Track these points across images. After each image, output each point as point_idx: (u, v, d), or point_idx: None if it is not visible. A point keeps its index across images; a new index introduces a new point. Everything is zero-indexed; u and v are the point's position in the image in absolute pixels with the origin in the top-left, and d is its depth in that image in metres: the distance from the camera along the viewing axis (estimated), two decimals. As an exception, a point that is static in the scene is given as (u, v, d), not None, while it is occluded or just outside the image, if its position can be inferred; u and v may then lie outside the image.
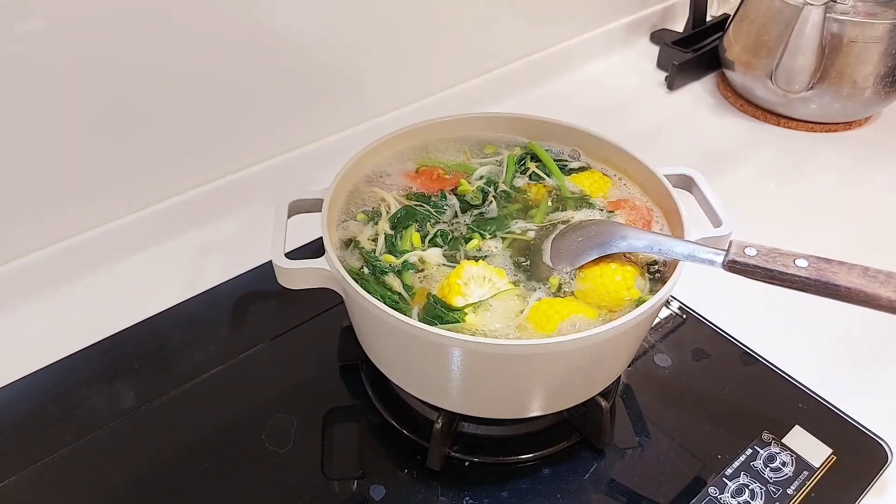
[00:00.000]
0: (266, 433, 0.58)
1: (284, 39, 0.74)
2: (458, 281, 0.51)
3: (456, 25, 0.90)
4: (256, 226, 0.78)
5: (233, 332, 0.68)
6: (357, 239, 0.56)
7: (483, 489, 0.55)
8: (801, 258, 0.46)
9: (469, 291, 0.51)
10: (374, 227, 0.57)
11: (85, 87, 0.63)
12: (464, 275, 0.51)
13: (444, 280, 0.52)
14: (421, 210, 0.58)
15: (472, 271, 0.51)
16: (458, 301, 0.50)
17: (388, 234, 0.56)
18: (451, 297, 0.50)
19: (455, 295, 0.50)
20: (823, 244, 0.80)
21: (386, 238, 0.56)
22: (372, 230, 0.57)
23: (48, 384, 0.62)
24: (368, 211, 0.58)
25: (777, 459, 0.57)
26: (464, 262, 0.53)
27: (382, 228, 0.57)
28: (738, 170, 0.89)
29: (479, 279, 0.51)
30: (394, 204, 0.59)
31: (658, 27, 1.17)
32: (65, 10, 0.59)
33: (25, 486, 0.55)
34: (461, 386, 0.50)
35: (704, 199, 0.57)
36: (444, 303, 0.50)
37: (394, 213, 0.58)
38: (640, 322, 0.47)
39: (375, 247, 0.55)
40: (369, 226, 0.57)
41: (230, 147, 0.77)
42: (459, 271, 0.51)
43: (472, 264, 0.52)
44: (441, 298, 0.51)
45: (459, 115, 0.65)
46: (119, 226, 0.72)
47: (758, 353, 0.66)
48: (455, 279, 0.51)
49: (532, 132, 0.66)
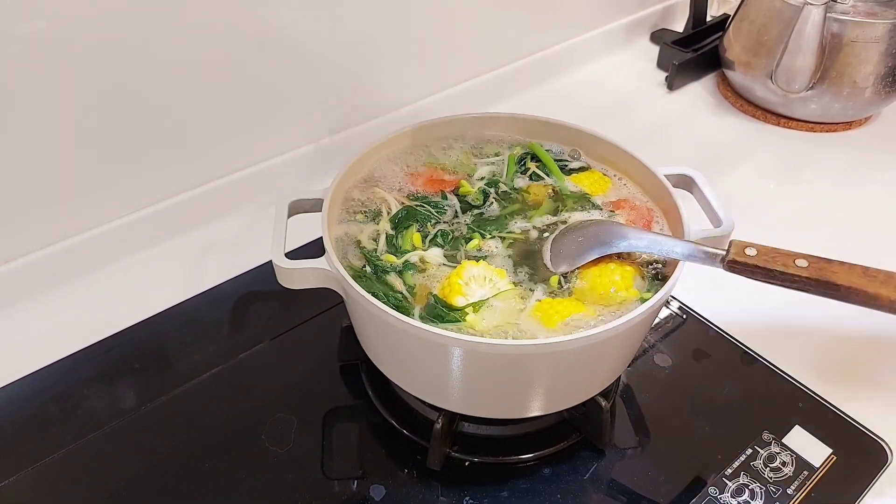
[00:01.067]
0: (266, 433, 0.58)
1: (285, 39, 0.74)
2: (458, 281, 0.51)
3: (456, 25, 0.90)
4: (256, 226, 0.78)
5: (233, 332, 0.68)
6: (358, 238, 0.56)
7: (483, 489, 0.55)
8: (801, 258, 0.46)
9: (470, 291, 0.51)
10: (374, 227, 0.57)
11: (84, 87, 0.63)
12: (465, 275, 0.51)
13: (444, 280, 0.52)
14: (421, 210, 0.58)
15: (473, 271, 0.52)
16: (458, 301, 0.50)
17: (388, 234, 0.56)
18: (452, 296, 0.51)
19: (456, 295, 0.50)
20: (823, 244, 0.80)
21: (387, 238, 0.56)
22: (372, 229, 0.57)
23: (48, 384, 0.62)
24: (368, 211, 0.58)
25: (777, 459, 0.57)
26: (465, 262, 0.53)
27: (383, 228, 0.57)
28: (738, 170, 0.89)
29: (479, 279, 0.51)
30: (394, 204, 0.59)
31: (658, 27, 1.17)
32: (65, 11, 0.59)
33: (25, 486, 0.55)
34: (461, 386, 0.50)
35: (704, 199, 0.57)
36: (444, 302, 0.51)
37: (395, 213, 0.58)
38: (640, 322, 0.47)
39: (377, 246, 0.55)
40: (370, 225, 0.57)
41: (230, 147, 0.77)
42: (460, 271, 0.51)
43: (472, 264, 0.52)
44: (442, 298, 0.51)
45: (459, 115, 0.65)
46: (119, 226, 0.72)
47: (758, 353, 0.66)
48: (456, 279, 0.51)
49: (532, 132, 0.66)
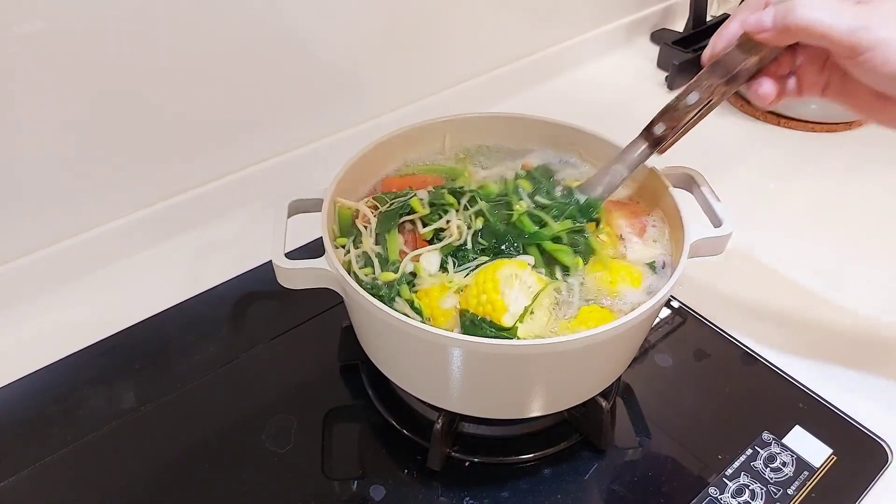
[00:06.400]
0: (266, 433, 0.58)
1: (285, 40, 0.74)
2: (498, 297, 0.47)
3: (456, 25, 0.90)
4: (256, 226, 0.78)
5: (233, 333, 0.68)
6: (353, 272, 0.52)
7: (483, 489, 0.55)
8: (692, 94, 0.52)
9: (509, 301, 0.47)
10: (359, 250, 0.54)
11: (84, 88, 0.63)
12: (501, 285, 0.47)
13: (473, 290, 0.49)
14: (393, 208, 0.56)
15: (506, 272, 0.48)
16: (506, 320, 0.47)
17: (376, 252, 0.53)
18: (498, 316, 0.47)
19: (501, 314, 0.47)
20: (823, 244, 0.80)
21: (376, 255, 0.53)
22: (359, 254, 0.54)
23: (48, 384, 0.62)
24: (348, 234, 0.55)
25: (777, 459, 0.57)
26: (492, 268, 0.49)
27: (368, 247, 0.54)
28: (738, 170, 0.89)
29: (510, 279, 0.48)
30: (371, 217, 0.56)
31: (658, 27, 1.17)
32: (65, 11, 0.59)
33: (25, 486, 0.55)
34: (461, 386, 0.50)
35: (704, 199, 0.57)
36: (493, 324, 0.47)
37: (373, 226, 0.55)
38: (640, 322, 0.47)
39: (373, 272, 0.52)
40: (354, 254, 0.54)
41: (230, 147, 0.77)
42: (496, 282, 0.47)
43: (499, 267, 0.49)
44: (485, 317, 0.47)
45: (460, 114, 0.65)
46: (119, 226, 0.72)
47: (758, 353, 0.66)
48: (495, 295, 0.47)
49: (532, 132, 0.65)
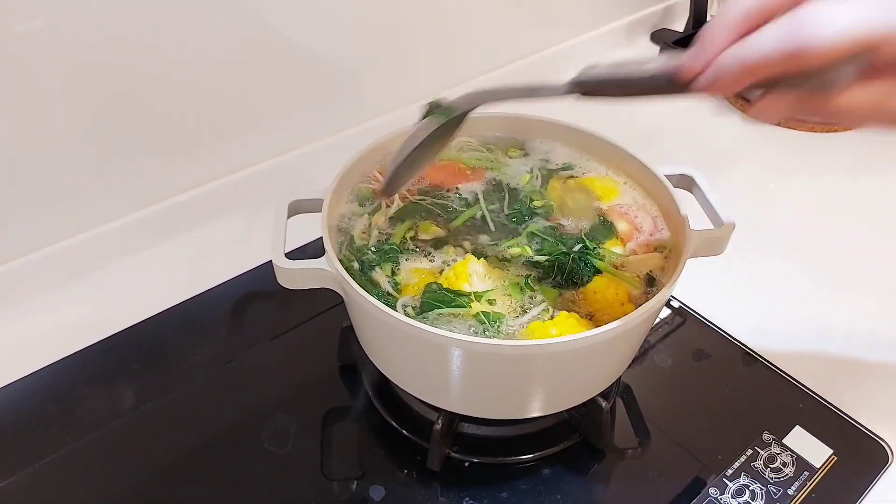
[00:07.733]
0: (266, 433, 0.58)
1: (284, 40, 0.74)
2: (465, 271, 0.52)
3: (456, 25, 0.90)
4: (256, 226, 0.78)
5: (233, 332, 0.68)
6: (351, 233, 0.56)
7: (483, 490, 0.55)
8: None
9: (474, 281, 0.52)
10: (368, 219, 0.57)
11: (84, 88, 0.63)
12: (469, 268, 0.52)
13: (449, 272, 0.53)
14: (424, 205, 0.58)
15: (476, 267, 0.53)
16: (465, 287, 0.51)
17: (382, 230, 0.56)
18: (459, 283, 0.52)
19: (463, 282, 0.52)
20: (823, 244, 0.80)
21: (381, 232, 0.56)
22: (366, 222, 0.57)
23: (48, 384, 0.62)
24: (367, 202, 0.58)
25: (777, 460, 0.57)
26: (469, 258, 0.53)
27: (376, 222, 0.57)
28: (738, 170, 0.89)
29: (481, 276, 0.52)
30: (396, 200, 0.59)
31: (658, 27, 1.17)
32: (65, 11, 0.59)
33: (25, 486, 0.55)
34: (461, 386, 0.50)
35: (705, 199, 0.57)
36: (449, 289, 0.51)
37: (395, 209, 0.58)
38: (640, 323, 0.47)
39: (368, 241, 0.55)
40: (364, 217, 0.57)
41: (230, 147, 0.77)
42: (465, 264, 0.53)
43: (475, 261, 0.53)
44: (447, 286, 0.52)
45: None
46: (119, 226, 0.72)
47: (758, 353, 0.66)
48: (462, 269, 0.52)
49: (532, 132, 0.65)
